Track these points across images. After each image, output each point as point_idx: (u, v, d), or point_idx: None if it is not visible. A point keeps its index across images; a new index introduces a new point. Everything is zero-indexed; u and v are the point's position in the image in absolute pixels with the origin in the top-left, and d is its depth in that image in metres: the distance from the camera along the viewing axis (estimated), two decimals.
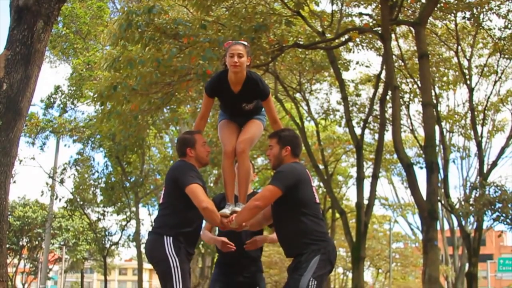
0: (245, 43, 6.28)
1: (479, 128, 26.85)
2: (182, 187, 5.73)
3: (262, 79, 6.34)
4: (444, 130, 29.06)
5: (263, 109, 6.43)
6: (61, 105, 30.53)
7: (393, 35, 21.37)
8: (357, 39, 21.17)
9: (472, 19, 21.70)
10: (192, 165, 5.96)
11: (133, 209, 34.26)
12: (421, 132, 29.14)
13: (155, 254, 5.81)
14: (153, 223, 6.16)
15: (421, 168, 28.59)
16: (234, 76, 6.08)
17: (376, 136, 26.80)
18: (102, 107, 17.45)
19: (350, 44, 21.71)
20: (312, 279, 5.47)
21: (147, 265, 50.26)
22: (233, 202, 6.11)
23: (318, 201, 5.90)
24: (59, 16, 9.43)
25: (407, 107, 28.21)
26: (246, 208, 5.81)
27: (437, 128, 23.31)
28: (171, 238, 5.74)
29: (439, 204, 27.63)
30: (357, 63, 25.37)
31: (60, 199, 32.98)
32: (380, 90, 23.55)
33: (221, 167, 6.31)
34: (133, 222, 35.40)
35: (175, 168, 6.01)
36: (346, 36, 19.36)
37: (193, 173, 5.82)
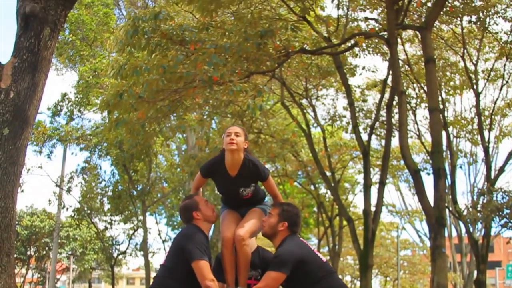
0: (242, 127, 6.34)
1: (486, 133, 26.70)
2: (189, 259, 5.71)
3: (260, 162, 6.30)
4: (451, 136, 28.95)
5: (266, 199, 6.42)
6: (68, 113, 30.56)
7: (399, 40, 21.32)
8: (363, 44, 21.14)
9: (478, 23, 21.63)
10: (202, 233, 5.94)
11: (140, 217, 34.20)
12: (428, 137, 29.06)
13: None
14: (152, 282, 6.12)
15: (428, 174, 28.56)
16: (230, 156, 6.07)
17: (383, 142, 26.72)
18: (109, 115, 17.45)
19: (356, 49, 21.70)
20: None
21: (154, 274, 50.20)
22: (233, 287, 6.07)
23: (325, 260, 5.92)
24: (65, 23, 9.42)
25: (414, 113, 28.14)
26: None
27: (444, 133, 23.22)
28: None
29: (447, 210, 27.51)
30: (363, 68, 25.33)
31: (67, 208, 32.91)
32: (387, 95, 23.49)
33: (221, 254, 6.19)
34: (140, 231, 35.39)
35: (185, 235, 5.94)
36: (352, 41, 19.35)
37: (202, 246, 5.78)
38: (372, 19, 20.88)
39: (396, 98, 20.49)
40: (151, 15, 15.02)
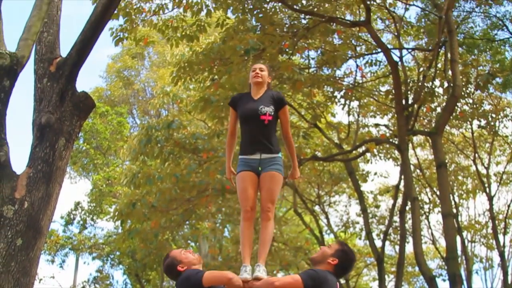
0: (266, 64, 6.82)
1: (501, 237, 26.40)
2: (199, 283, 5.64)
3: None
4: (466, 240, 28.63)
5: (280, 154, 6.40)
6: (81, 222, 30.52)
7: (410, 144, 21.44)
8: (374, 150, 21.26)
9: (488, 127, 21.79)
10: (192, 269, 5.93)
11: None
12: (442, 242, 28.73)
13: None
14: None
15: (444, 280, 28.05)
16: (256, 88, 6.46)
17: (397, 248, 26.42)
18: (122, 225, 17.47)
19: (368, 154, 21.79)
20: None
21: None
22: (248, 263, 5.98)
23: None
24: (80, 132, 9.55)
25: (427, 218, 27.94)
26: (265, 283, 5.72)
27: (458, 238, 22.97)
28: None
29: None
30: (375, 174, 25.39)
31: None
32: (399, 200, 23.39)
33: (240, 228, 6.27)
34: None
35: (183, 279, 5.87)
36: (363, 148, 19.46)
37: (198, 270, 5.81)
38: (382, 125, 21.08)
39: (409, 203, 20.41)
40: (164, 124, 15.26)
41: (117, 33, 15.41)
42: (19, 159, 7.99)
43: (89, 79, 63.63)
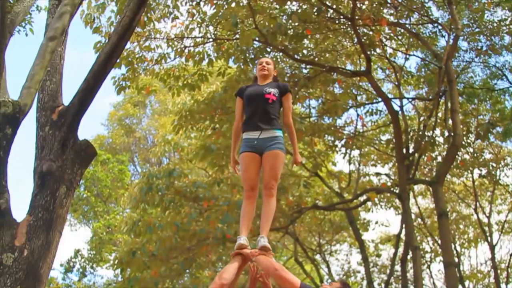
0: (272, 59, 7.35)
1: (503, 286, 26.20)
2: None
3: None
4: None
5: (282, 137, 6.57)
6: (81, 269, 30.32)
7: (411, 193, 21.43)
8: (375, 199, 21.23)
9: (489, 176, 21.79)
10: None
11: None
12: None
13: None
14: None
15: None
16: (261, 78, 6.83)
17: None
18: (122, 273, 17.37)
19: (369, 203, 21.76)
20: None
21: None
22: (245, 236, 6.21)
23: None
24: (81, 180, 9.56)
25: (429, 267, 27.79)
26: (268, 262, 5.90)
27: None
28: None
29: None
30: (376, 223, 25.30)
31: None
32: (401, 250, 23.27)
33: (242, 206, 6.43)
34: None
35: None
36: (364, 197, 19.45)
37: None
38: (383, 174, 21.10)
39: (410, 252, 20.31)
40: (165, 173, 15.30)
41: (120, 82, 15.51)
42: (20, 207, 8.00)
43: (91, 126, 63.85)
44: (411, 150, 18.40)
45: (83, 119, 8.12)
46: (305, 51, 17.11)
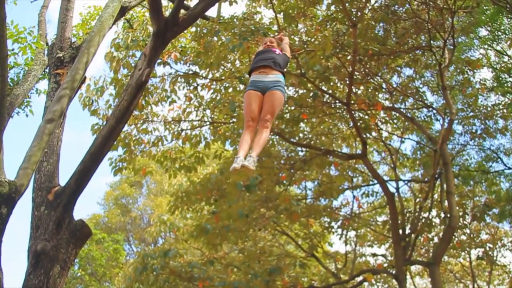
0: (276, 39, 8.11)
1: None
2: None
3: None
4: None
5: (283, 80, 7.23)
6: None
7: (408, 274, 21.28)
8: (372, 280, 21.07)
9: (486, 257, 21.69)
10: None
11: None
12: None
13: None
14: None
15: None
16: None
17: None
18: None
19: (365, 284, 21.58)
20: None
21: None
22: (242, 156, 6.49)
23: None
24: (75, 259, 9.55)
25: None
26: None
27: None
28: None
29: None
30: None
31: None
32: None
33: (242, 135, 6.95)
34: None
35: None
36: (361, 277, 19.32)
37: None
38: (380, 255, 21.02)
39: None
40: (160, 253, 15.26)
41: (116, 163, 15.60)
42: (13, 285, 7.96)
43: (88, 205, 63.79)
44: (407, 231, 18.38)
45: (79, 198, 8.19)
46: (301, 135, 17.30)
